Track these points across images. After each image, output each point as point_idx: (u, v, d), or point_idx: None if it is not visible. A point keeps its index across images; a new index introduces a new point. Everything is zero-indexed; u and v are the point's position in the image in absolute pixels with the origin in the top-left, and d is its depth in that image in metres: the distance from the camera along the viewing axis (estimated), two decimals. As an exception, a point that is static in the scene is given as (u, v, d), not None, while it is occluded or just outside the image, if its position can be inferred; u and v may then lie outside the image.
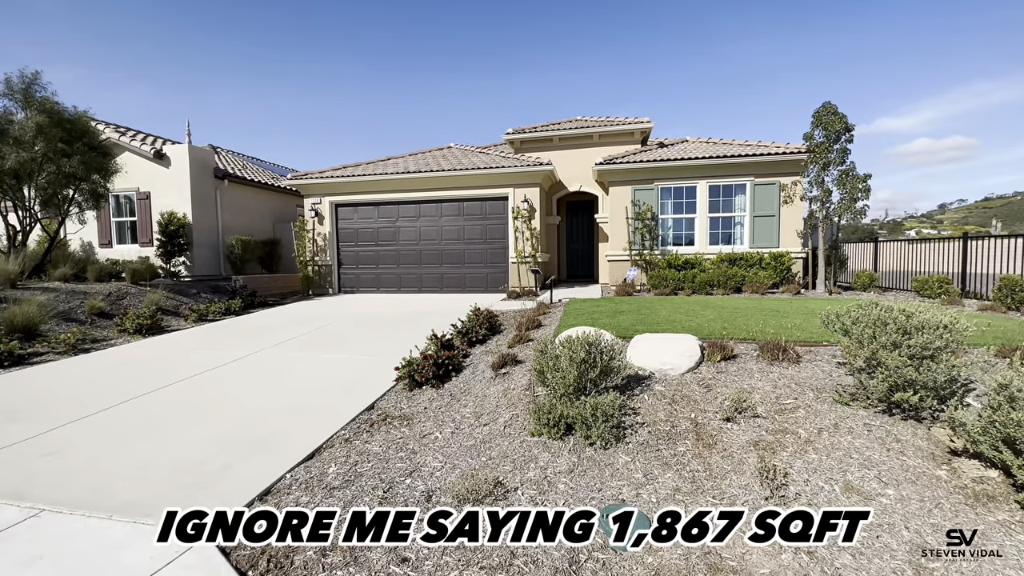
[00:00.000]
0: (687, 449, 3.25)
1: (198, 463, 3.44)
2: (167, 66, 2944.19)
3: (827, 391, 3.74)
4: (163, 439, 3.85)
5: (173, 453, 3.60)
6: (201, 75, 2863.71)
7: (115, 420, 4.23)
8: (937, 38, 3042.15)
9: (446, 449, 3.66)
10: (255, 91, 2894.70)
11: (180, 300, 10.47)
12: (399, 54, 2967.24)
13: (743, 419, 3.49)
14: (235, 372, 5.64)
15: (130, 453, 3.60)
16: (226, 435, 3.91)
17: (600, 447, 3.33)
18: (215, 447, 3.69)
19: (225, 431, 3.98)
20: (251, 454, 3.58)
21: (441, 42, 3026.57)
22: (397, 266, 13.23)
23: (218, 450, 3.64)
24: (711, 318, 6.37)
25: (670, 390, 3.95)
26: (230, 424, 4.13)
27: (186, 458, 3.51)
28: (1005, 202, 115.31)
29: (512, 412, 4.07)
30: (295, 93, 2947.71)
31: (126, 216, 13.38)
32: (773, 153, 11.65)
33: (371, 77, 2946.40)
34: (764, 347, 4.40)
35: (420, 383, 4.97)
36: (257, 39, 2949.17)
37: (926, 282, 9.01)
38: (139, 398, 4.75)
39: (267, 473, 3.31)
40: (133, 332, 8.01)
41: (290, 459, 3.52)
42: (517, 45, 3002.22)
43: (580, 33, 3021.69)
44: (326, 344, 6.89)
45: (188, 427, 4.08)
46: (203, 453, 3.59)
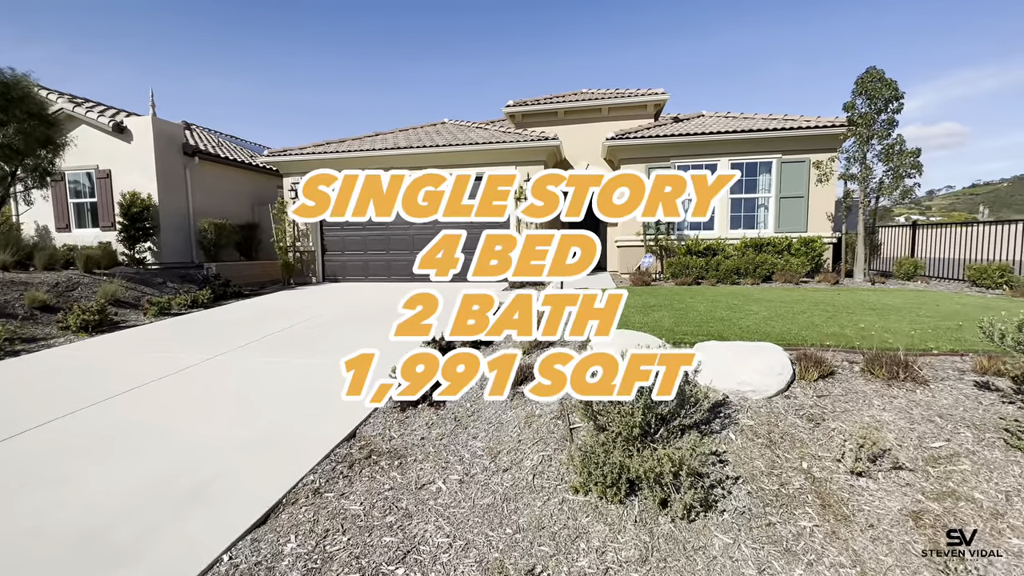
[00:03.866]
0: (813, 524, 2.20)
1: (99, 530, 2.35)
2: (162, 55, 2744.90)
3: (990, 429, 2.69)
4: (62, 489, 2.73)
5: (69, 513, 2.50)
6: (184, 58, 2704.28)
7: (3, 460, 3.10)
8: (927, 26, 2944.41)
9: (454, 511, 2.58)
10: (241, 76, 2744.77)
11: (142, 291, 9.24)
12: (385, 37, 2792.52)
13: (881, 473, 2.44)
14: (186, 383, 4.50)
15: (7, 516, 2.49)
16: (152, 480, 2.81)
17: (682, 518, 2.27)
18: (132, 500, 2.60)
19: (153, 474, 2.88)
20: (180, 514, 2.49)
21: (429, 25, 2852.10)
22: (387, 252, 12.04)
23: (135, 506, 2.55)
24: (765, 315, 5.31)
25: (763, 425, 2.88)
26: (161, 463, 3.02)
27: (85, 521, 2.42)
28: (992, 189, 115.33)
29: (541, 452, 3.00)
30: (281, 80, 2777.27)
31: (86, 197, 12.02)
32: (803, 128, 10.52)
33: (360, 61, 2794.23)
34: (873, 360, 3.33)
35: (415, 401, 3.89)
36: (241, 30, 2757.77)
37: (984, 270, 8.00)
38: (48, 424, 3.61)
39: (195, 552, 2.23)
40: (78, 329, 6.81)
41: (234, 523, 2.44)
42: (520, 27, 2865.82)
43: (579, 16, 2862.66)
44: (303, 345, 5.76)
45: (103, 468, 2.96)
46: (111, 512, 2.50)
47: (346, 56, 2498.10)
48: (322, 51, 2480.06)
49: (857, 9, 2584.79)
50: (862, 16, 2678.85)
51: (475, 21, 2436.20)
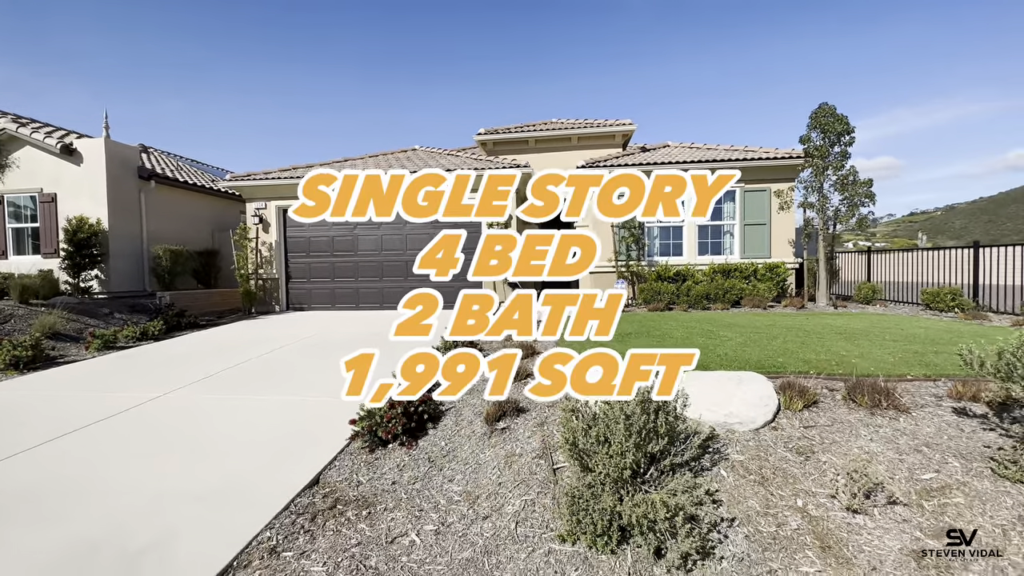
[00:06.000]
0: (815, 570, 2.07)
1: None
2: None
3: (976, 458, 2.66)
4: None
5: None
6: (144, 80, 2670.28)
7: None
8: (864, 65, 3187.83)
9: (429, 568, 2.33)
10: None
11: (85, 322, 8.57)
12: (359, 63, 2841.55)
13: (877, 509, 2.35)
14: (126, 427, 4.06)
15: None
16: (77, 548, 2.42)
17: (679, 567, 2.10)
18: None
19: (80, 538, 2.49)
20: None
21: (408, 49, 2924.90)
22: (355, 280, 11.67)
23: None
24: (740, 342, 5.32)
25: (753, 460, 2.77)
26: (91, 523, 2.62)
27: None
28: (928, 217, 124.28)
29: (524, 496, 2.78)
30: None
31: (26, 222, 11.24)
32: (762, 159, 10.98)
33: (335, 84, 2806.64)
34: (855, 388, 3.30)
35: (385, 441, 3.61)
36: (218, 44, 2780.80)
37: (937, 294, 8.38)
38: (-44, 482, 3.14)
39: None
40: (6, 367, 6.18)
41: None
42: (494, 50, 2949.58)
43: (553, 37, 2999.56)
44: (262, 380, 5.37)
45: (23, 532, 2.56)
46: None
47: (342, 75, 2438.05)
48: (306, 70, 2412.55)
49: (801, 44, 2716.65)
50: (806, 54, 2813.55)
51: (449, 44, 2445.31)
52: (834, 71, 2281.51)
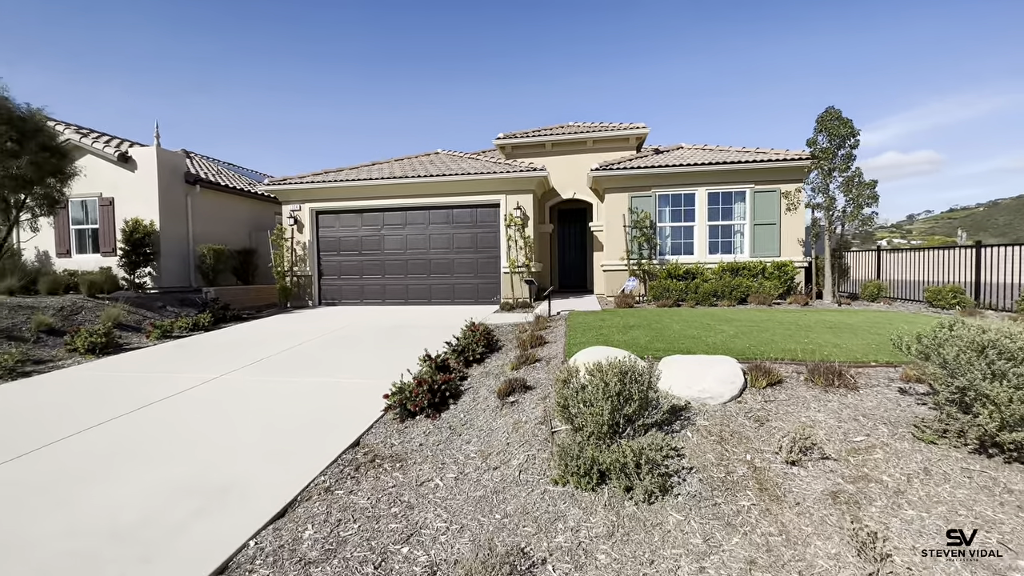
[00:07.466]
0: (751, 503, 2.64)
1: (136, 523, 2.71)
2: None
3: (903, 425, 3.18)
4: (99, 487, 3.09)
5: (102, 506, 2.86)
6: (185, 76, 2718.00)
7: (50, 464, 3.44)
8: (905, 55, 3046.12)
9: (450, 502, 2.98)
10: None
11: (143, 314, 9.56)
12: (386, 60, 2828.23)
13: (810, 462, 2.90)
14: (195, 400, 4.86)
15: (58, 510, 2.84)
16: (176, 484, 3.16)
17: (643, 501, 2.70)
18: (159, 501, 2.95)
19: (175, 478, 3.24)
20: (204, 511, 2.85)
21: (431, 47, 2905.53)
22: (382, 277, 12.48)
23: (162, 504, 2.90)
24: (732, 333, 5.82)
25: (716, 425, 3.34)
26: (183, 468, 3.38)
27: (119, 516, 2.78)
28: (968, 213, 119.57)
29: (527, 452, 3.42)
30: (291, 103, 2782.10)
31: (87, 224, 12.38)
32: (772, 160, 11.31)
33: (360, 84, 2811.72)
34: (815, 370, 3.83)
35: (413, 413, 4.29)
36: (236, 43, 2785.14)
37: (939, 292, 8.65)
38: (73, 436, 3.95)
39: (223, 540, 2.59)
40: (85, 351, 7.12)
41: (255, 518, 2.80)
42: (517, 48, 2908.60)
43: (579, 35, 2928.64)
44: (303, 365, 6.14)
45: (130, 471, 3.32)
46: (144, 508, 2.85)
47: (351, 75, 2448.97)
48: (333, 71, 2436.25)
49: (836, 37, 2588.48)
50: (812, 52, 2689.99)
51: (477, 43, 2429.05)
52: (854, 68, 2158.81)
